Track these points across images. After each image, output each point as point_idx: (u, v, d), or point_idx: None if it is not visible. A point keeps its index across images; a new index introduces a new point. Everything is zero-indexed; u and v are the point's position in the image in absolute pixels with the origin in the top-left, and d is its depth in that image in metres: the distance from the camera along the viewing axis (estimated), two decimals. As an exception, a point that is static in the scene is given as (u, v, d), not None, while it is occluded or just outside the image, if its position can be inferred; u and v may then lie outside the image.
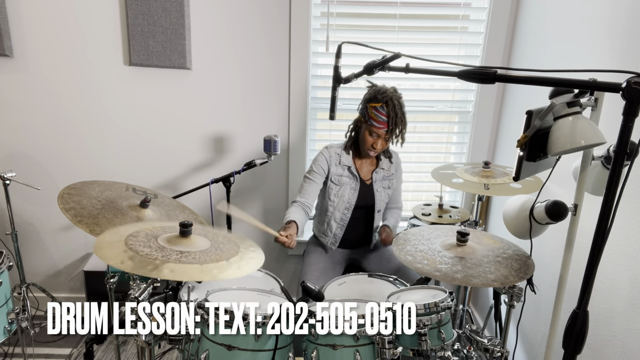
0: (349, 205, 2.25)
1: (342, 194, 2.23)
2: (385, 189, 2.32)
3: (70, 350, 2.55)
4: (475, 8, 2.58)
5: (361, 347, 1.46)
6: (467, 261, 1.52)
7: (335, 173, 2.23)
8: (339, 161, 2.23)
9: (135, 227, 1.46)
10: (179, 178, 2.76)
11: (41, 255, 2.86)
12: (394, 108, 2.03)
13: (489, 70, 1.17)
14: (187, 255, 1.32)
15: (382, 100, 2.04)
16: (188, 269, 1.26)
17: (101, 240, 1.35)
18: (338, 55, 1.47)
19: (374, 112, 2.06)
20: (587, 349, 1.19)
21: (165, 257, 1.28)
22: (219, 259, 1.35)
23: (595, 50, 1.79)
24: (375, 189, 2.28)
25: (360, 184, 2.25)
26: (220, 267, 1.31)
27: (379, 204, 2.30)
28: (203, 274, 1.27)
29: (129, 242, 1.33)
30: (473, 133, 2.72)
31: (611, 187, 1.03)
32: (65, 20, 2.46)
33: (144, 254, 1.27)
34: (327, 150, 2.25)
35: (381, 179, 2.29)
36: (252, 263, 1.41)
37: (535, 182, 1.94)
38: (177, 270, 1.23)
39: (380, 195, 2.29)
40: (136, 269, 1.20)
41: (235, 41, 2.54)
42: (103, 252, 1.28)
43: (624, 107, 0.99)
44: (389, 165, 2.32)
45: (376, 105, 2.05)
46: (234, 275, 1.31)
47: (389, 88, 2.09)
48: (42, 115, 2.60)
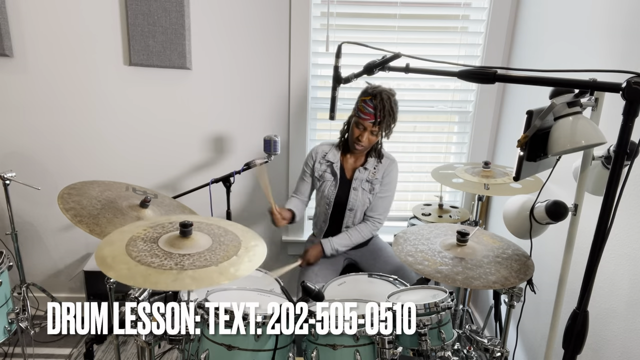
0: (329, 200, 2.27)
1: (323, 189, 2.28)
2: (365, 192, 2.24)
3: (70, 350, 2.55)
4: (475, 8, 2.58)
5: (361, 347, 1.46)
6: (467, 262, 1.52)
7: (319, 169, 2.27)
8: (324, 157, 2.26)
9: (125, 234, 1.40)
10: (179, 178, 2.76)
11: (41, 255, 2.86)
12: (382, 101, 2.04)
13: (489, 70, 1.17)
14: (198, 257, 1.30)
15: (372, 93, 2.06)
16: (207, 273, 1.22)
17: (105, 258, 1.26)
18: (338, 55, 1.47)
19: (363, 105, 2.08)
20: (587, 349, 1.19)
21: (180, 265, 1.24)
22: (228, 254, 1.33)
23: (595, 50, 1.79)
24: (353, 187, 2.24)
25: (340, 181, 2.25)
26: (234, 263, 1.29)
27: (352, 203, 2.25)
28: (222, 276, 1.23)
29: (132, 254, 1.28)
30: (473, 133, 2.72)
31: (611, 187, 1.03)
32: (65, 20, 2.46)
33: (156, 265, 1.22)
34: (317, 147, 2.30)
35: (363, 179, 2.24)
36: (259, 251, 1.40)
37: (536, 182, 1.94)
38: (197, 277, 1.19)
39: (356, 194, 2.24)
40: (158, 285, 1.16)
41: (236, 41, 2.54)
42: (117, 273, 1.20)
43: (624, 107, 0.99)
44: (376, 165, 2.24)
45: (365, 98, 2.07)
46: (250, 270, 1.28)
47: (385, 87, 2.10)
48: (42, 115, 2.60)
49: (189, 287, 1.16)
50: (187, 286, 1.16)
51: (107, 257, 1.27)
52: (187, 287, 1.16)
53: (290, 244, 2.90)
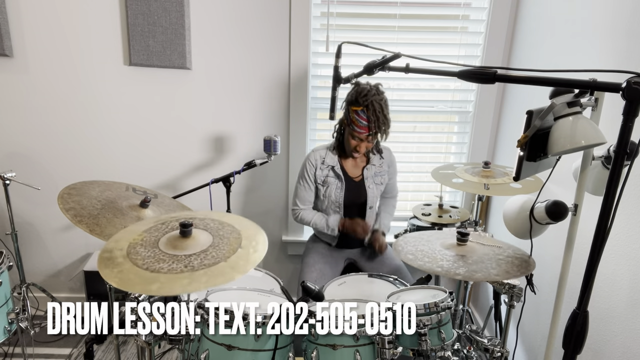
0: (338, 204, 2.26)
1: (329, 194, 2.25)
2: (378, 185, 2.32)
3: (70, 350, 2.55)
4: (475, 8, 2.58)
5: (361, 347, 1.46)
6: (468, 258, 1.52)
7: (321, 175, 2.25)
8: (323, 162, 2.24)
9: (121, 242, 1.36)
10: (179, 178, 2.76)
11: (41, 255, 2.86)
12: (374, 112, 2.01)
13: (489, 70, 1.17)
14: (205, 256, 1.29)
15: (363, 104, 2.02)
16: (219, 270, 1.21)
17: (114, 273, 1.22)
18: (338, 55, 1.47)
19: (355, 117, 2.05)
20: (587, 349, 1.19)
21: (190, 266, 1.23)
22: (233, 248, 1.32)
23: (595, 50, 1.79)
24: (367, 186, 2.27)
25: (346, 182, 2.25)
26: (241, 255, 1.28)
27: (371, 201, 2.29)
28: (234, 271, 1.21)
29: (138, 262, 1.25)
30: (473, 133, 2.72)
31: (611, 187, 1.03)
32: (65, 20, 2.46)
33: (166, 270, 1.20)
34: (313, 154, 2.27)
35: (373, 175, 2.29)
36: (260, 240, 1.39)
37: (535, 182, 1.94)
38: (211, 275, 1.18)
39: (372, 192, 2.29)
40: (175, 290, 1.14)
41: (235, 41, 2.54)
42: (131, 285, 1.17)
43: (624, 107, 0.99)
44: (381, 162, 2.32)
45: (357, 109, 2.04)
46: (258, 260, 1.27)
47: (372, 88, 2.06)
48: (42, 115, 2.60)
49: (205, 286, 1.15)
50: (203, 286, 1.15)
51: (115, 277, 1.22)
52: (204, 287, 1.15)
53: (290, 244, 2.90)
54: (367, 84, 2.08)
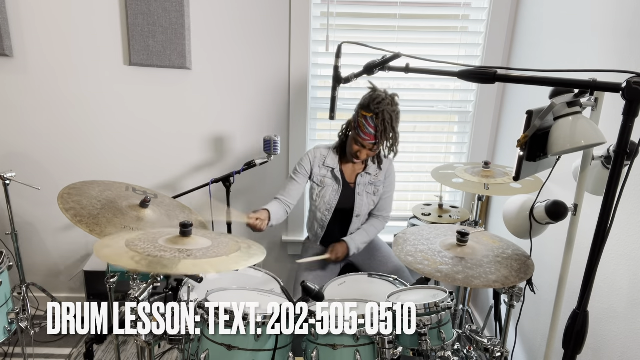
0: (330, 207, 2.24)
1: (323, 195, 2.24)
2: (370, 195, 2.26)
3: (70, 350, 2.55)
4: (475, 8, 2.58)
5: (361, 347, 1.46)
6: (467, 261, 1.52)
7: (318, 174, 2.22)
8: (323, 162, 2.22)
9: (117, 245, 1.37)
10: (179, 178, 2.76)
11: (41, 255, 2.86)
12: (383, 122, 1.96)
13: (489, 70, 1.17)
14: (206, 251, 1.31)
15: (374, 111, 1.97)
16: (221, 261, 1.27)
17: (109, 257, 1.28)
18: (338, 55, 1.47)
19: (363, 122, 2.00)
20: (587, 349, 1.19)
21: (192, 256, 1.26)
22: (233, 249, 1.35)
23: (595, 50, 1.79)
24: (357, 193, 2.24)
25: (343, 186, 2.23)
26: (241, 255, 1.31)
27: (359, 209, 2.25)
28: (236, 263, 1.28)
29: (139, 250, 1.27)
30: (473, 133, 2.72)
31: (611, 187, 1.03)
32: (65, 20, 2.46)
33: (168, 257, 1.23)
34: (314, 150, 2.25)
35: (366, 183, 2.24)
36: (257, 250, 1.43)
37: (535, 182, 1.94)
38: (214, 263, 1.24)
39: (361, 200, 2.24)
40: (179, 268, 1.20)
41: (235, 41, 2.54)
42: (124, 260, 1.21)
43: (624, 107, 0.99)
44: (377, 172, 2.26)
45: (367, 115, 1.98)
46: (259, 259, 1.33)
47: (387, 97, 2.00)
48: (42, 115, 2.60)
49: (208, 270, 1.21)
50: (207, 269, 1.20)
51: (110, 256, 1.27)
52: (208, 271, 1.21)
53: (290, 244, 2.90)
54: (384, 91, 2.03)
